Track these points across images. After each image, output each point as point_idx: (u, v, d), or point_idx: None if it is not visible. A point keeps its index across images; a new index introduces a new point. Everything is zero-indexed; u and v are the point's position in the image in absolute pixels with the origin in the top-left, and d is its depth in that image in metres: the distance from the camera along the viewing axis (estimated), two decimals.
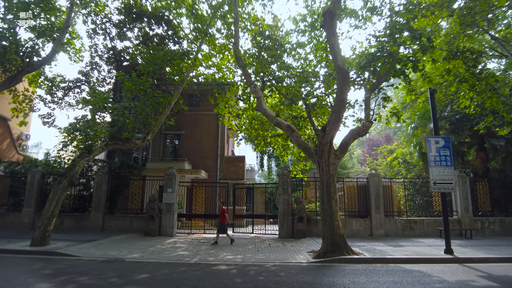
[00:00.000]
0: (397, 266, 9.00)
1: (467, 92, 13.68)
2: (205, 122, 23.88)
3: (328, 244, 10.17)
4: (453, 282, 7.17)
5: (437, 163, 10.62)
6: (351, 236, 14.77)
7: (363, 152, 37.82)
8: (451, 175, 10.52)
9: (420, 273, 8.10)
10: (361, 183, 16.13)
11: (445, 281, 7.21)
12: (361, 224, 15.22)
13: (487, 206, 16.11)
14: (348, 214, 15.89)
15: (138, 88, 14.84)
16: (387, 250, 11.18)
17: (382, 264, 9.34)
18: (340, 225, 10.40)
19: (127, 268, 8.59)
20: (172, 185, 15.52)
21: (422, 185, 16.92)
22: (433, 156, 10.67)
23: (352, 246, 11.64)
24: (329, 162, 10.63)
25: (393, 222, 15.32)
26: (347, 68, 10.35)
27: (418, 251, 10.94)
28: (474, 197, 16.00)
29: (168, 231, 15.07)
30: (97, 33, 23.12)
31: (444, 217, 10.54)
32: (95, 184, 16.13)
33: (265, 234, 16.10)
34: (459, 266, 9.09)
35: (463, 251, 11.07)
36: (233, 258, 9.93)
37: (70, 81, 22.68)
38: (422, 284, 6.94)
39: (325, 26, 10.59)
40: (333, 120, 10.53)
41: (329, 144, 10.65)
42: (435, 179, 10.51)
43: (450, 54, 13.09)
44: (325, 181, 10.57)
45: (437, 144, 10.72)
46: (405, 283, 7.04)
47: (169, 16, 21.95)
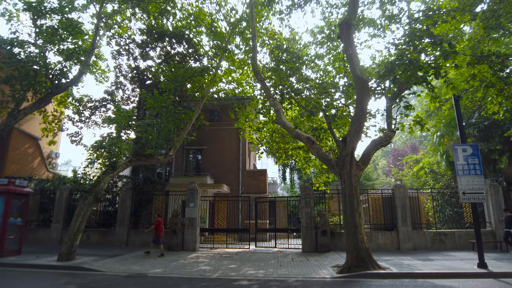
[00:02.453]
0: (426, 281, 8.57)
1: (495, 97, 13.15)
2: (226, 136, 24.07)
3: (352, 259, 9.85)
4: None
5: (465, 172, 10.16)
6: (377, 250, 14.27)
7: (388, 163, 36.79)
8: (481, 184, 10.02)
9: None
10: (386, 194, 15.64)
11: None
12: (387, 237, 14.69)
13: None
14: (373, 227, 15.39)
15: (160, 105, 15.20)
16: (416, 264, 10.69)
17: (410, 279, 8.93)
18: (365, 238, 10.07)
19: (149, 283, 8.62)
20: (194, 199, 15.61)
21: (452, 195, 16.20)
22: (461, 165, 10.23)
23: (378, 261, 11.24)
24: (351, 174, 10.39)
25: (421, 235, 14.68)
26: (366, 78, 10.20)
27: (449, 266, 10.40)
28: (508, 207, 15.12)
29: (190, 246, 15.09)
30: (121, 54, 24.00)
31: (476, 229, 10.00)
32: (119, 199, 16.47)
33: (288, 248, 15.82)
34: (494, 281, 8.55)
35: (498, 265, 10.44)
36: (255, 274, 9.78)
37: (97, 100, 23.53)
38: None
39: (342, 36, 10.53)
40: (353, 131, 10.34)
41: (350, 155, 10.43)
42: (464, 189, 10.04)
43: (475, 58, 12.67)
44: (348, 193, 10.32)
45: (465, 152, 10.29)
46: None
47: (190, 34, 22.53)
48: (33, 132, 21.82)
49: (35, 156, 22.16)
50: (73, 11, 16.73)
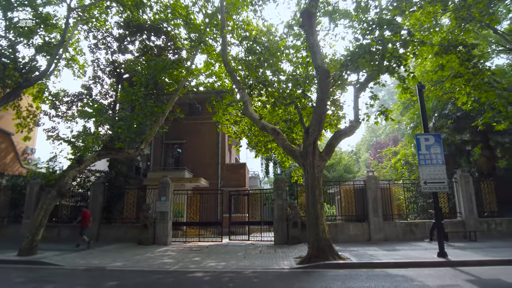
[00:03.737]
0: (382, 271, 8.54)
1: (463, 88, 13.15)
2: (206, 130, 23.86)
3: (313, 249, 9.80)
4: (434, 287, 6.71)
5: (427, 161, 10.13)
6: (348, 241, 14.27)
7: (370, 156, 36.92)
8: (442, 173, 10.00)
9: (403, 277, 7.64)
10: (358, 186, 15.62)
11: (426, 286, 6.76)
12: (358, 229, 14.69)
13: (494, 206, 15.28)
14: (345, 219, 15.38)
15: (130, 99, 14.96)
16: (379, 254, 10.67)
17: (367, 269, 8.88)
18: (326, 229, 10.01)
19: (102, 276, 8.48)
20: (166, 193, 15.44)
21: None
22: (423, 154, 10.19)
23: (344, 251, 11.24)
24: (314, 164, 10.30)
25: (392, 226, 14.71)
26: (326, 67, 10.08)
27: (411, 255, 10.40)
28: (479, 198, 15.23)
29: (162, 240, 14.95)
30: (98, 48, 23.59)
31: (436, 219, 10.03)
32: (91, 194, 16.24)
33: (261, 241, 15.76)
34: (450, 270, 8.54)
35: (460, 254, 10.48)
36: (215, 266, 9.69)
37: (74, 95, 23.13)
38: None
39: (304, 25, 10.39)
40: (314, 121, 10.24)
41: (312, 145, 10.34)
42: (426, 179, 10.02)
43: (442, 49, 12.61)
44: (310, 184, 10.24)
45: (427, 142, 10.25)
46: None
47: (167, 27, 22.19)
48: (6, 128, 21.40)
49: (8, 151, 21.76)
50: (47, 5, 16.38)
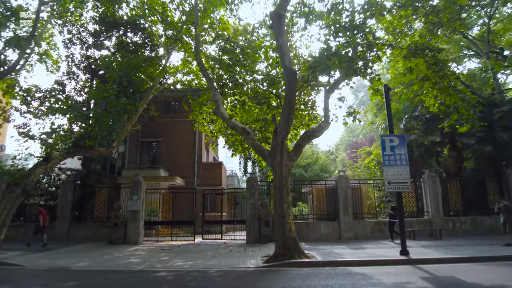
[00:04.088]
0: (345, 269, 8.71)
1: (430, 90, 13.52)
2: (182, 129, 23.67)
3: (280, 248, 9.91)
4: (389, 284, 6.90)
5: (391, 162, 10.39)
6: (319, 240, 14.50)
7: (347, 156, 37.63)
8: (406, 174, 10.28)
9: (362, 275, 7.83)
10: (329, 185, 15.88)
11: (381, 284, 6.94)
12: (329, 227, 14.94)
13: (459, 205, 15.82)
14: (317, 217, 15.63)
15: (102, 96, 14.72)
16: (345, 253, 10.89)
17: (331, 267, 9.05)
18: (293, 228, 10.14)
19: (63, 276, 8.35)
20: (138, 192, 15.28)
21: None
22: (388, 155, 10.45)
23: (312, 250, 11.44)
24: (282, 164, 10.41)
25: (362, 225, 15.03)
26: (293, 68, 10.20)
27: (376, 253, 10.66)
28: (446, 197, 15.73)
29: (133, 239, 14.79)
30: (73, 43, 23.06)
31: (400, 218, 10.32)
32: (60, 192, 15.89)
33: (234, 240, 15.81)
34: (409, 268, 8.81)
35: (422, 252, 10.81)
36: (181, 265, 9.67)
37: (46, 91, 22.54)
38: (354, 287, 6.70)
39: (273, 26, 10.46)
40: (282, 121, 10.34)
41: (280, 145, 10.44)
42: (390, 179, 10.28)
43: (410, 52, 12.94)
44: (278, 183, 10.34)
45: (392, 143, 10.51)
46: (337, 286, 6.79)
47: (145, 24, 21.89)
48: None
49: None
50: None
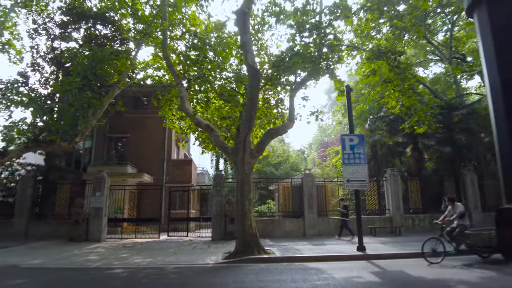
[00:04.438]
0: (301, 265, 8.90)
1: (392, 92, 13.95)
2: (152, 125, 23.27)
3: (240, 244, 9.99)
4: (339, 279, 7.11)
5: (351, 161, 10.68)
6: (284, 236, 14.70)
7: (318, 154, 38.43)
8: (364, 172, 10.60)
9: (316, 270, 8.02)
10: (295, 183, 16.13)
11: (331, 278, 7.14)
12: (294, 225, 15.18)
13: (419, 204, 16.48)
14: (283, 215, 15.84)
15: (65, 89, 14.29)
16: (305, 249, 11.10)
17: (288, 263, 9.21)
18: (253, 225, 10.24)
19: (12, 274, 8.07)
20: (102, 189, 14.93)
21: None
22: (347, 154, 10.73)
23: (274, 246, 11.59)
24: (244, 161, 10.47)
25: (326, 222, 15.37)
26: (256, 66, 10.28)
27: (335, 249, 10.93)
28: (407, 196, 16.32)
29: (96, 236, 14.45)
30: (39, 33, 22.20)
31: (357, 215, 10.62)
32: (18, 188, 15.30)
33: (200, 237, 15.75)
34: (363, 263, 9.10)
35: (380, 247, 11.18)
36: (140, 262, 9.56)
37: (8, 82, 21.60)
38: (304, 282, 6.85)
39: (238, 24, 10.49)
40: (245, 118, 10.41)
41: (243, 142, 10.50)
42: (349, 177, 10.56)
43: (373, 54, 13.32)
44: (240, 180, 10.41)
45: (351, 142, 10.80)
46: (288, 281, 6.93)
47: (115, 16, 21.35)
48: None
49: None
50: None
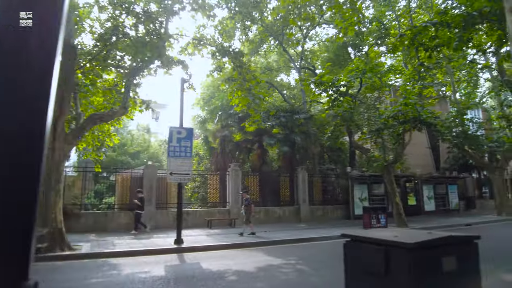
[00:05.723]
0: (105, 260, 8.40)
1: (236, 91, 14.55)
2: None
3: (42, 241, 8.86)
4: (123, 275, 6.89)
5: (176, 153, 10.62)
6: (117, 230, 13.79)
7: None
8: (189, 166, 10.69)
9: (113, 266, 7.71)
10: (135, 175, 15.47)
11: (117, 275, 6.88)
12: (130, 218, 14.47)
13: (257, 197, 17.74)
14: (119, 207, 14.99)
15: None
16: (123, 243, 10.60)
17: (93, 259, 8.60)
18: (59, 219, 9.24)
19: None
20: None
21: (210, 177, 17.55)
22: (173, 146, 10.63)
23: (92, 241, 10.82)
24: (54, 147, 9.33)
25: (165, 214, 15.15)
26: (73, 43, 9.28)
27: (154, 243, 10.73)
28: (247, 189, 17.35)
29: None
30: None
31: (178, 208, 10.65)
32: None
33: None
34: (172, 256, 9.16)
35: (200, 240, 11.50)
36: None
37: None
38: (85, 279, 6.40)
39: None
40: (56, 100, 9.26)
41: (53, 127, 9.34)
42: (172, 170, 10.48)
43: (218, 51, 13.61)
44: (47, 169, 9.22)
45: (179, 135, 10.74)
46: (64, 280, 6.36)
47: None
48: None
49: None
50: None
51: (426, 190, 21.68)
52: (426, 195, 21.62)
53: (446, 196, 22.56)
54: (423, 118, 13.98)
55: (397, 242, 2.01)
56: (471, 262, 2.26)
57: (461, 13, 9.53)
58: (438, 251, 2.07)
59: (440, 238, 2.11)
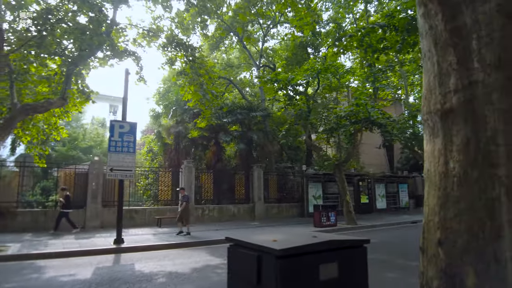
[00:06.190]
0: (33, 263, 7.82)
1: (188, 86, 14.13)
2: None
3: None
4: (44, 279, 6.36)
5: (118, 148, 10.10)
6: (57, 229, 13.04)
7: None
8: (132, 162, 10.21)
9: (32, 269, 7.14)
10: (80, 171, 14.64)
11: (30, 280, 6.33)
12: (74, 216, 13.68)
13: (211, 195, 17.44)
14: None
15: None
16: (58, 243, 9.95)
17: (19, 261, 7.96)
18: None
19: None
20: None
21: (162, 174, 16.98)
22: (115, 141, 10.10)
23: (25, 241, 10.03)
24: None
25: (112, 212, 14.38)
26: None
27: (94, 243, 10.16)
28: (200, 187, 17.01)
29: None
30: None
31: (119, 206, 10.15)
32: None
33: None
34: (108, 257, 8.67)
35: (143, 239, 11.03)
36: None
37: None
38: None
39: None
40: None
41: None
42: (113, 165, 9.95)
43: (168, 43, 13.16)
44: None
45: (122, 129, 10.22)
46: None
47: None
48: None
49: None
50: None
51: (378, 188, 22.38)
52: (378, 194, 22.32)
53: (397, 195, 23.46)
54: (373, 119, 14.31)
55: (267, 248, 1.84)
56: (357, 269, 2.14)
57: (406, 16, 9.75)
58: (313, 257, 1.92)
59: (318, 243, 1.96)
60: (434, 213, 2.42)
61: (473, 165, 2.27)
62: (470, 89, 2.33)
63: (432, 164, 2.47)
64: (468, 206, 2.26)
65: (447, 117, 2.41)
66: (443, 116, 2.43)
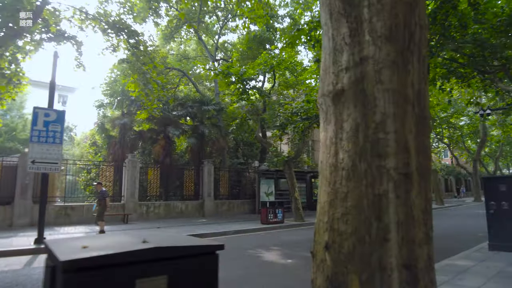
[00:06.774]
0: None
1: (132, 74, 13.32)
2: None
3: None
4: None
5: (42, 139, 9.10)
6: None
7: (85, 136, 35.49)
8: (58, 154, 9.27)
9: None
10: (8, 163, 13.31)
11: None
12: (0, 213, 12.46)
13: (157, 191, 16.64)
14: None
15: None
16: None
17: None
18: None
19: None
20: None
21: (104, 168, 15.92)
22: (39, 130, 9.09)
23: None
24: None
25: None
26: None
27: (11, 243, 9.14)
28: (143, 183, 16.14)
29: None
30: None
31: (41, 202, 9.20)
32: None
33: None
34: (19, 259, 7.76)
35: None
36: None
37: None
38: None
39: None
40: None
41: None
42: (35, 157, 8.97)
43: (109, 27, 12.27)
44: None
45: (47, 118, 9.23)
46: None
47: None
48: None
49: None
50: None
51: None
52: None
53: None
54: None
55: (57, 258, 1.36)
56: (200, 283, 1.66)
57: None
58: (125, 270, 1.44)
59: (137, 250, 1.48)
60: (323, 212, 2.05)
61: (361, 156, 1.91)
62: (360, 66, 1.98)
63: (324, 155, 2.11)
64: (355, 204, 1.90)
65: (338, 100, 2.05)
66: (334, 99, 2.06)
